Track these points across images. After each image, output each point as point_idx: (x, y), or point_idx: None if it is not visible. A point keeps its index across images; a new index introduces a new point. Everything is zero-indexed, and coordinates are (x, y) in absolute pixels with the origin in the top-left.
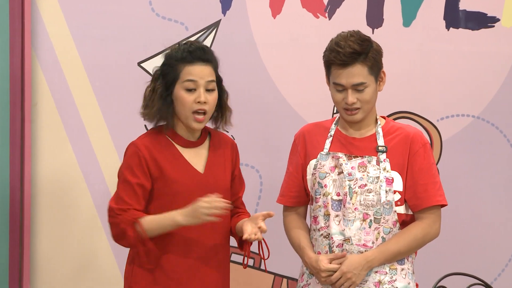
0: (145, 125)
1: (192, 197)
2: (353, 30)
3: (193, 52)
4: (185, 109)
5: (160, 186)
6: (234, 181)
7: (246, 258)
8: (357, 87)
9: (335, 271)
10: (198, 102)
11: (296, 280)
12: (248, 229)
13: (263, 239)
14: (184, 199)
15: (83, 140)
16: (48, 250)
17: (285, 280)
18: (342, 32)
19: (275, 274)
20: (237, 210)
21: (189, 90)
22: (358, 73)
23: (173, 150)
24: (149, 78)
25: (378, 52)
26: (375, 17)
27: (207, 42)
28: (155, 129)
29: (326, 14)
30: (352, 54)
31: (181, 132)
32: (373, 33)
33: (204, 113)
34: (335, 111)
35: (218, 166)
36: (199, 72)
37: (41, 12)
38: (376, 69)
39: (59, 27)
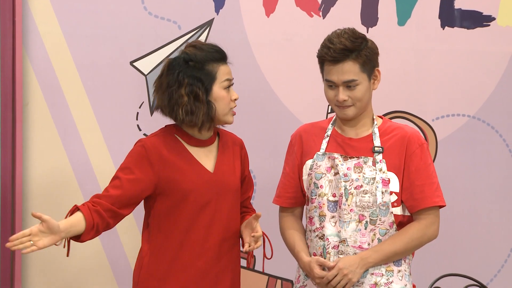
0: (138, 125)
1: (202, 196)
2: (348, 28)
3: (220, 51)
4: (225, 107)
5: (169, 184)
6: (244, 181)
7: (250, 259)
8: (348, 84)
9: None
10: (235, 99)
11: (291, 281)
12: (247, 239)
13: (268, 239)
14: (195, 197)
15: (75, 140)
16: (39, 251)
17: (279, 281)
18: (338, 29)
19: (269, 275)
20: (242, 209)
21: (226, 88)
22: (349, 70)
23: (182, 149)
24: (141, 76)
25: (372, 50)
26: (369, 16)
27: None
28: (164, 129)
29: (320, 13)
30: (343, 51)
31: (191, 131)
32: (367, 32)
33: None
34: (329, 111)
35: (227, 165)
36: (230, 71)
37: (32, 11)
38: (369, 67)
39: (50, 26)
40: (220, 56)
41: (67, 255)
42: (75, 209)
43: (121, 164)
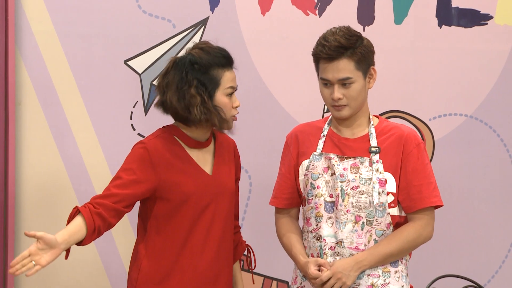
0: (132, 125)
1: (202, 198)
2: (344, 26)
3: (227, 57)
4: (226, 114)
5: (171, 187)
6: (236, 183)
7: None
8: (343, 82)
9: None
10: (236, 107)
11: (286, 282)
12: None
13: (252, 252)
14: (195, 200)
15: (68, 140)
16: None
17: (274, 282)
18: (333, 27)
19: (264, 276)
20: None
21: (228, 95)
22: (344, 67)
23: (182, 151)
24: (135, 76)
25: (368, 48)
26: (366, 15)
27: (195, 40)
28: (162, 130)
29: (316, 12)
30: (337, 48)
31: (190, 133)
32: (364, 30)
33: None
34: (325, 110)
35: (224, 167)
36: (234, 78)
37: (25, 9)
38: (364, 65)
39: (43, 24)
40: (226, 61)
41: (66, 258)
42: (76, 211)
43: (122, 164)
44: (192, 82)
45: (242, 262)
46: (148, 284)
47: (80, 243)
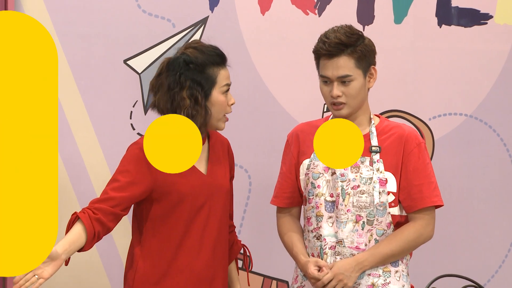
0: (131, 124)
1: (197, 198)
2: (346, 24)
3: (221, 55)
4: (221, 112)
5: (167, 188)
6: (230, 182)
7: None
8: (343, 79)
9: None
10: (231, 104)
11: (286, 282)
12: None
13: (248, 252)
14: (191, 200)
15: (68, 140)
16: None
17: (274, 282)
18: (335, 26)
19: (264, 276)
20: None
21: (224, 93)
22: (343, 65)
23: None
24: (135, 75)
25: (369, 47)
26: (365, 14)
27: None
28: None
29: (316, 11)
30: (338, 45)
31: None
32: (363, 30)
33: None
34: (325, 110)
35: (218, 167)
36: (229, 75)
37: (25, 9)
38: (364, 64)
39: (43, 24)
40: (220, 60)
41: (66, 264)
42: (75, 218)
43: (118, 166)
44: (185, 84)
45: (241, 262)
46: (144, 284)
47: (80, 249)
